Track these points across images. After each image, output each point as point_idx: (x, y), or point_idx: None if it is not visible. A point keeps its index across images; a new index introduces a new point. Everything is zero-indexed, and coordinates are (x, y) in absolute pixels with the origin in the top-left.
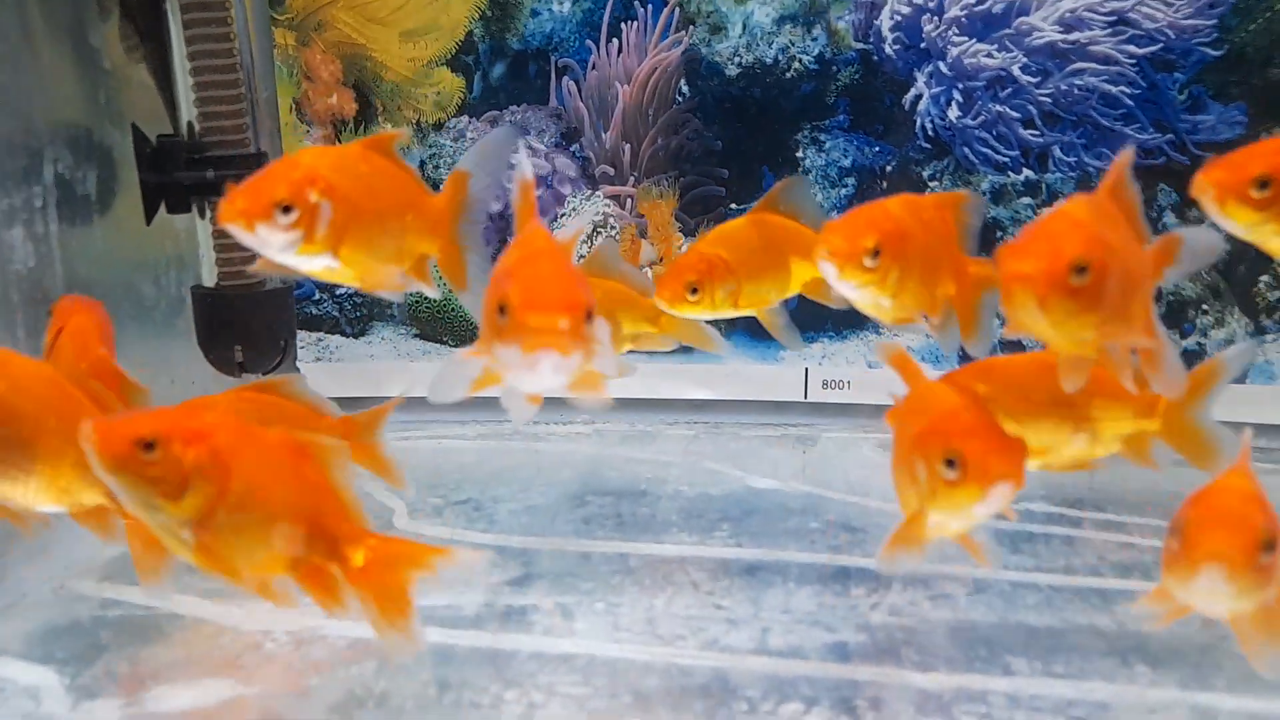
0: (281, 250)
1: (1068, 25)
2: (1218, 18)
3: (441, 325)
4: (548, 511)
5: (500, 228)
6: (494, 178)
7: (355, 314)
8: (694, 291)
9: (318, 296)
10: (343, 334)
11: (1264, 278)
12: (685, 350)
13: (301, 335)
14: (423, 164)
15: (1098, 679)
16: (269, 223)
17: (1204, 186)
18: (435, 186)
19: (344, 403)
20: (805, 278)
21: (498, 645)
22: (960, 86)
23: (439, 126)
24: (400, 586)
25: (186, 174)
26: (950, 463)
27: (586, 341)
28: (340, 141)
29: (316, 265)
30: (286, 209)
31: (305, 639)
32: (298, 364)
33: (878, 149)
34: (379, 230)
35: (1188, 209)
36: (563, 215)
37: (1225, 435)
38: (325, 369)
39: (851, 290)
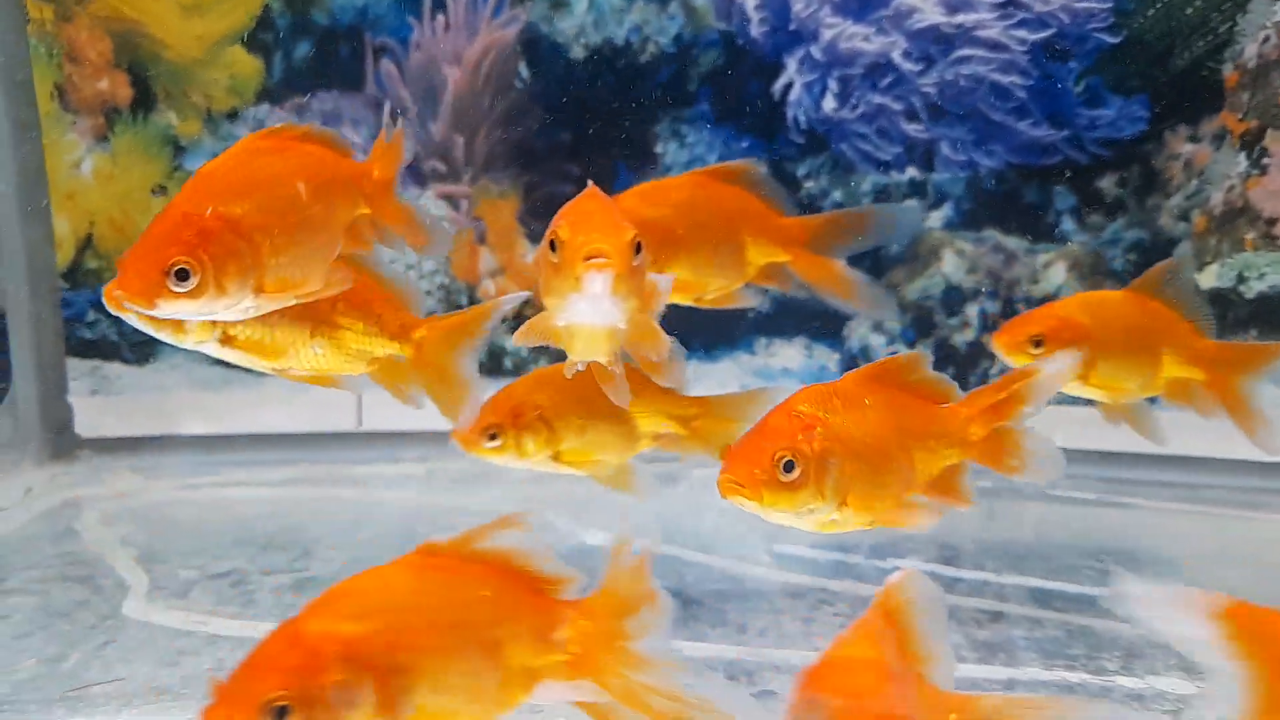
0: None
1: (952, 7)
2: (1113, 0)
3: None
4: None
5: None
6: None
7: (138, 337)
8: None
9: (91, 318)
10: (124, 361)
11: None
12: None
13: (74, 365)
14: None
15: None
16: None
17: None
18: None
19: (129, 443)
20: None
21: None
22: (836, 74)
23: (233, 115)
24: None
25: None
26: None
27: (637, 271)
28: (113, 134)
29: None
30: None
31: None
32: (68, 399)
33: (746, 144)
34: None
35: (1087, 213)
36: None
37: None
38: (104, 403)
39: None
